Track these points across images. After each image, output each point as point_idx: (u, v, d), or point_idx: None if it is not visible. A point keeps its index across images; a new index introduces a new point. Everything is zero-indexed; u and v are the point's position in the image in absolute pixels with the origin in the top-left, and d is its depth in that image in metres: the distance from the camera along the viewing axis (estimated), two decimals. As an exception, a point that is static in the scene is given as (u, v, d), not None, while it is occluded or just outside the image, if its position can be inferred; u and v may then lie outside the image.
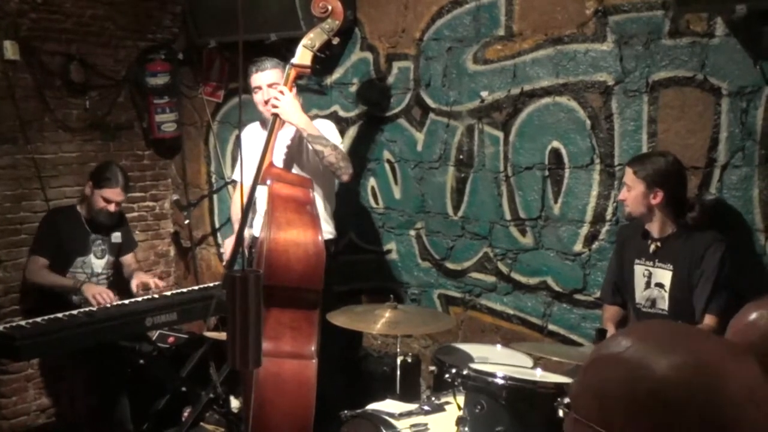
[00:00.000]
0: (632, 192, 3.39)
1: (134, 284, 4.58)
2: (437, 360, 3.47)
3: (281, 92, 3.84)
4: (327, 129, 4.05)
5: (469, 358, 3.42)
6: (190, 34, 5.29)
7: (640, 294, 3.49)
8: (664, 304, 3.40)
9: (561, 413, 2.65)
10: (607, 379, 1.00)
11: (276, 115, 3.83)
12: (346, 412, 3.18)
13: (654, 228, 3.44)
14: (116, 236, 4.77)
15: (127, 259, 4.86)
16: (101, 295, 4.26)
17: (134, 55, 5.40)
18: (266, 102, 3.96)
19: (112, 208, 4.57)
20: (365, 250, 4.85)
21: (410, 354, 4.02)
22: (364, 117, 4.76)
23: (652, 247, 3.45)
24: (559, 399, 2.68)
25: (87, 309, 4.19)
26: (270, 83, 4.00)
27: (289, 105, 3.83)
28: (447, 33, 4.35)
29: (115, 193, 4.55)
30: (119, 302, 4.31)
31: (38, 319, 4.03)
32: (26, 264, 4.60)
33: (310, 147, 3.93)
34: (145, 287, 4.53)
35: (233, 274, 1.65)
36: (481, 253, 4.38)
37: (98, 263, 4.67)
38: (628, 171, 3.42)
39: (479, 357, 3.44)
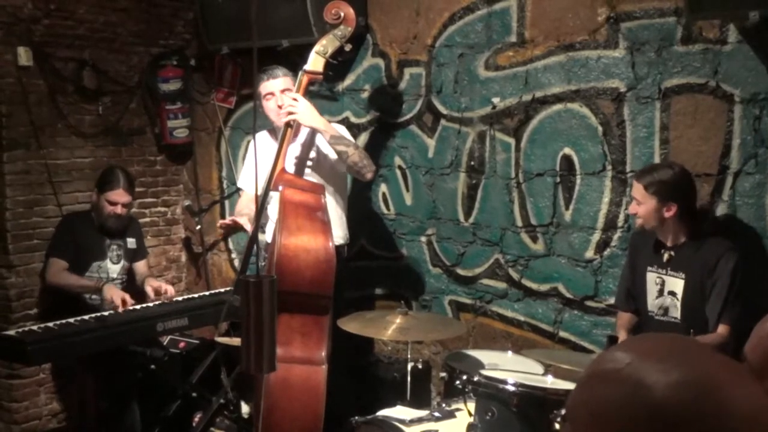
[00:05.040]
0: (644, 206, 3.36)
1: (149, 290, 4.59)
2: (448, 366, 3.46)
3: (294, 99, 3.84)
4: (342, 132, 4.06)
5: (479, 365, 3.42)
6: (202, 41, 5.31)
7: (652, 302, 3.48)
8: (676, 312, 3.38)
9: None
10: (604, 397, 0.97)
11: (288, 123, 3.82)
12: (356, 418, 3.18)
13: (667, 238, 3.42)
14: (131, 242, 4.79)
15: (139, 266, 4.88)
16: (118, 299, 4.27)
17: (146, 61, 5.42)
18: (280, 107, 3.95)
19: (119, 210, 4.58)
20: (376, 256, 4.84)
21: (421, 360, 4.02)
22: (376, 123, 4.76)
23: (666, 256, 3.43)
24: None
25: (98, 314, 4.21)
26: (282, 89, 4.00)
27: (306, 109, 3.84)
28: (459, 39, 4.35)
29: (118, 195, 4.57)
30: (131, 307, 4.33)
31: (50, 324, 4.05)
32: (45, 267, 4.60)
33: (332, 149, 3.93)
34: (157, 292, 4.54)
35: (248, 278, 1.66)
36: (492, 260, 4.37)
37: (114, 268, 4.69)
38: (638, 186, 3.38)
39: (490, 363, 3.44)
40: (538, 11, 4.06)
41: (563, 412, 1.00)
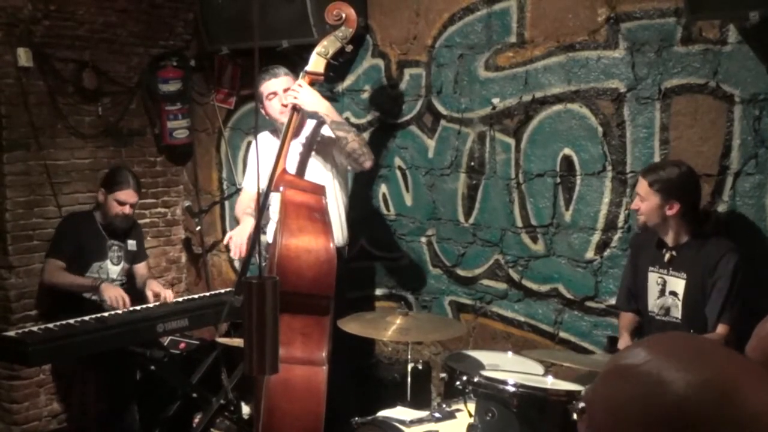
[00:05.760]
0: (647, 203, 3.35)
1: (149, 293, 4.59)
2: (448, 367, 3.46)
3: (299, 84, 3.85)
4: None
5: (479, 366, 3.41)
6: (202, 41, 5.31)
7: (654, 302, 3.47)
8: (677, 313, 3.38)
9: (575, 416, 2.65)
10: (621, 393, 0.98)
11: (292, 113, 3.82)
12: (356, 419, 3.18)
13: (668, 237, 3.42)
14: (132, 244, 4.80)
15: (140, 268, 4.89)
16: (118, 299, 4.27)
17: (146, 62, 5.42)
18: (285, 107, 3.95)
19: (127, 210, 4.61)
20: (376, 256, 4.84)
21: (421, 361, 4.02)
22: (376, 124, 4.77)
23: (667, 255, 3.43)
24: (573, 402, 2.67)
25: (98, 315, 4.21)
26: (285, 89, 4.01)
27: (308, 94, 3.85)
28: (458, 40, 4.35)
29: (128, 195, 4.60)
30: (131, 308, 4.33)
31: (50, 325, 4.05)
32: (43, 267, 4.62)
33: (333, 133, 3.94)
34: (157, 297, 4.54)
35: (250, 280, 1.65)
36: (492, 260, 4.37)
37: (114, 269, 4.70)
38: (643, 182, 3.37)
39: (490, 364, 3.43)
40: (538, 12, 4.06)
41: (581, 405, 1.00)
